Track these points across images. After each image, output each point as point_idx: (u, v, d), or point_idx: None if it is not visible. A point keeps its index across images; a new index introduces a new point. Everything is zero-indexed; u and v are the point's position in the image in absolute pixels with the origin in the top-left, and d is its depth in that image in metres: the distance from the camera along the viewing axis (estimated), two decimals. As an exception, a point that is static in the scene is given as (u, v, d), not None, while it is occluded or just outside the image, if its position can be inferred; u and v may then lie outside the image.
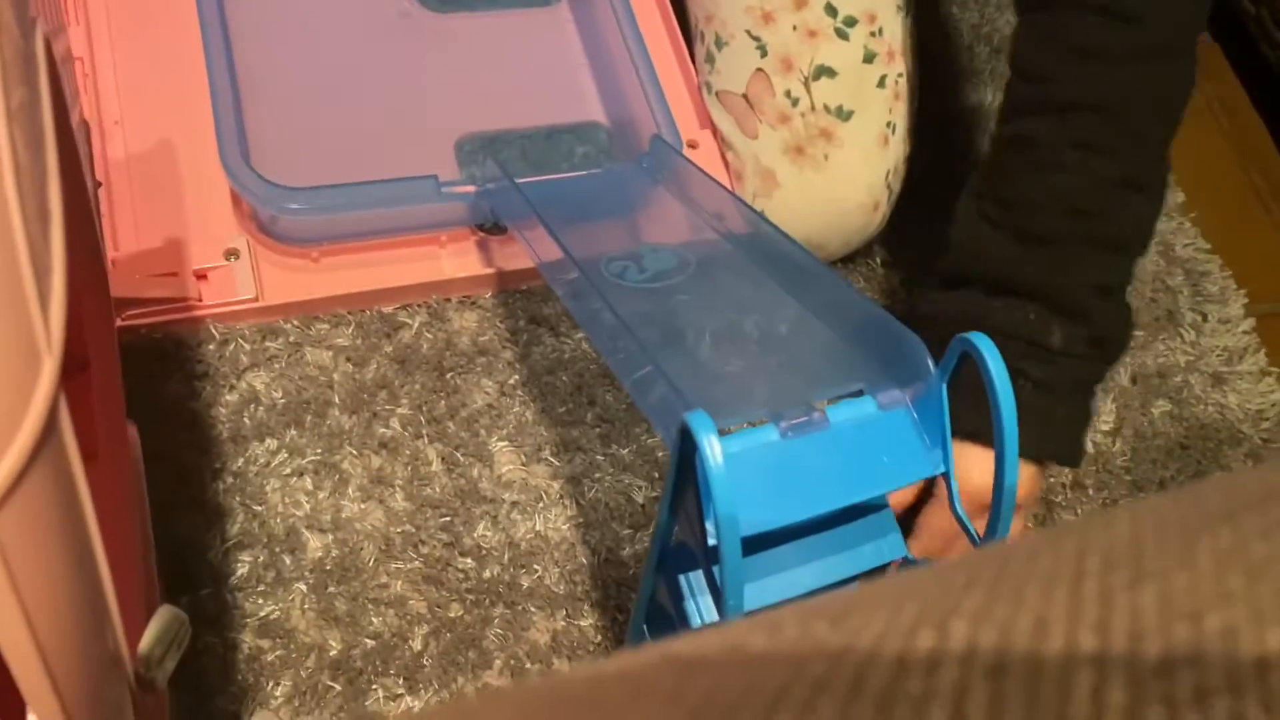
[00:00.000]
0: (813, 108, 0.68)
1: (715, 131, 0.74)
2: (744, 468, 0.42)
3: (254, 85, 0.69)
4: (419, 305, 0.67)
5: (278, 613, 0.56)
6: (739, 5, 0.70)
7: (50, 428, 0.25)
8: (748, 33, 0.70)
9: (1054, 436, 0.58)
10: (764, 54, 0.69)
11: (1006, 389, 0.41)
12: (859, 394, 0.45)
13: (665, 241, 0.63)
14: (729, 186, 0.72)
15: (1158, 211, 0.59)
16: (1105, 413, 0.76)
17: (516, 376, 0.66)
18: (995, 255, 0.58)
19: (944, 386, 0.44)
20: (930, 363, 0.44)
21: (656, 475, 0.65)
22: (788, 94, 0.68)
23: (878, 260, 0.78)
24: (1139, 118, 0.56)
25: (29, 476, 0.25)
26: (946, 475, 0.44)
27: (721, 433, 0.38)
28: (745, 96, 0.70)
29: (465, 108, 0.73)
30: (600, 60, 0.77)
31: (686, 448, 0.39)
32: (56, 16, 0.54)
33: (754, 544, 0.43)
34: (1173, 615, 0.13)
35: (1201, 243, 0.86)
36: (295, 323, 0.64)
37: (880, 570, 0.47)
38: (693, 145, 0.73)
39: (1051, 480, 0.72)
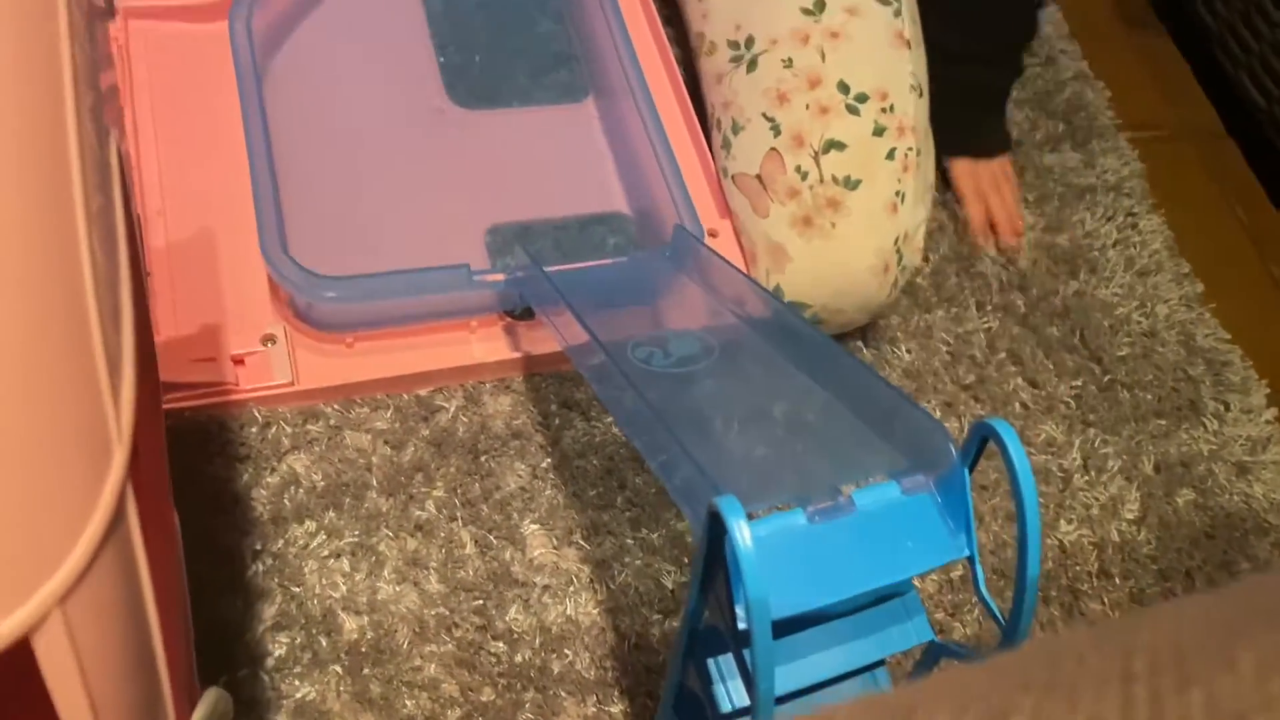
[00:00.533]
0: (821, 180, 0.70)
1: (732, 218, 0.76)
2: (773, 552, 0.43)
3: (291, 176, 0.71)
4: (455, 389, 0.69)
5: (314, 695, 0.57)
6: (756, 89, 0.73)
7: (119, 516, 0.27)
8: (763, 115, 0.72)
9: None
10: (777, 133, 0.71)
11: (1029, 479, 0.42)
12: (883, 479, 0.46)
13: (689, 327, 0.65)
14: (746, 272, 0.73)
15: None
16: (1130, 501, 0.77)
17: (549, 460, 0.68)
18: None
19: (966, 472, 0.45)
20: (951, 447, 0.45)
21: (685, 560, 0.66)
22: (798, 169, 0.70)
23: (900, 340, 0.79)
24: None
25: (98, 563, 0.27)
26: (971, 559, 0.45)
27: (749, 517, 0.39)
28: (759, 177, 0.72)
29: (496, 199, 0.76)
30: (626, 153, 0.80)
31: (715, 532, 0.40)
32: (116, 116, 0.57)
33: (783, 628, 0.43)
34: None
35: (1222, 333, 0.87)
36: (336, 406, 0.66)
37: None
38: (713, 234, 0.75)
39: (1077, 569, 0.73)
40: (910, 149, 0.72)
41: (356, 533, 0.62)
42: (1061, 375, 0.81)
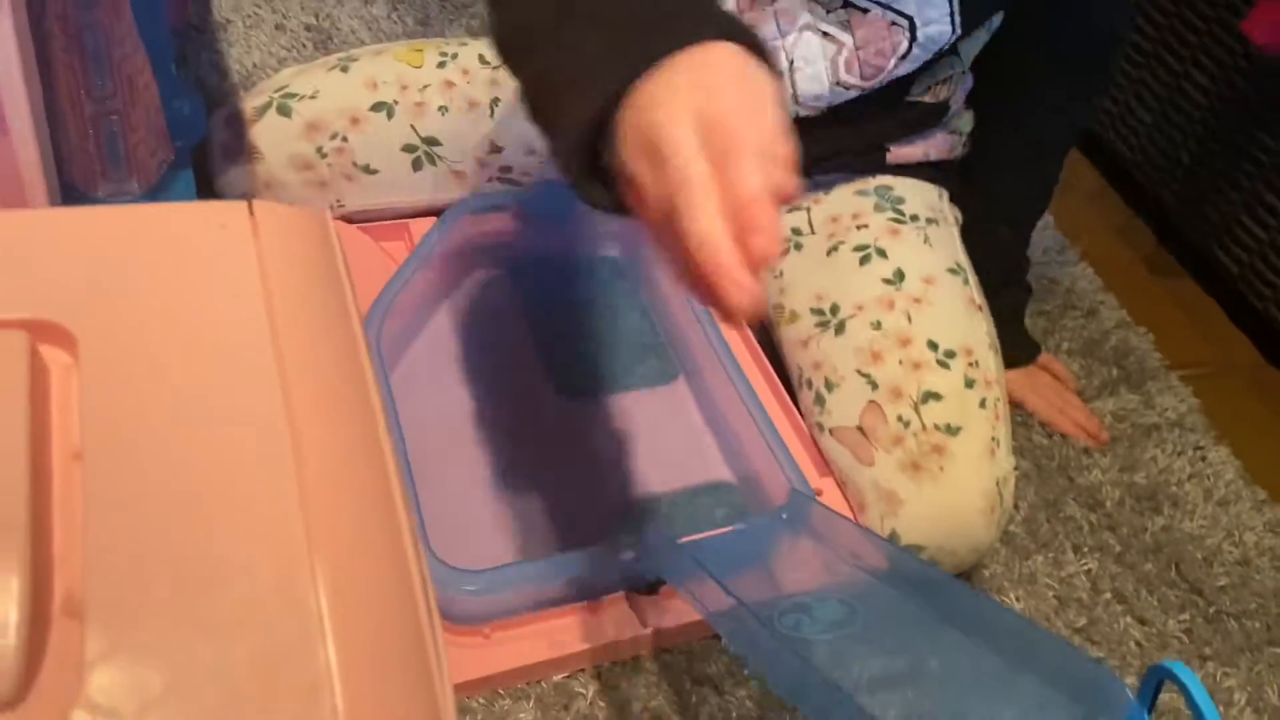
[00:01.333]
0: (924, 428, 0.74)
1: (833, 472, 0.80)
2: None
3: (419, 472, 0.75)
4: (590, 676, 0.70)
5: None
6: (848, 349, 0.79)
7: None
8: (858, 371, 0.78)
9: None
10: (874, 388, 0.77)
11: (1215, 718, 0.43)
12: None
13: (817, 587, 0.67)
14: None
15: None
16: None
17: (689, 738, 0.68)
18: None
19: (1147, 717, 0.46)
20: (1128, 693, 0.47)
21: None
22: (899, 418, 0.75)
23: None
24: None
25: None
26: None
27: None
28: (860, 428, 0.77)
29: (608, 482, 0.80)
30: (722, 424, 0.85)
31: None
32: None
33: None
34: None
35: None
36: (481, 700, 0.67)
37: None
38: (818, 492, 0.79)
39: None
40: (998, 399, 0.77)
41: (515, 828, 0.62)
42: (1168, 610, 0.82)
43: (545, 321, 0.90)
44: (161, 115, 0.80)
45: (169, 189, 0.76)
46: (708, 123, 0.41)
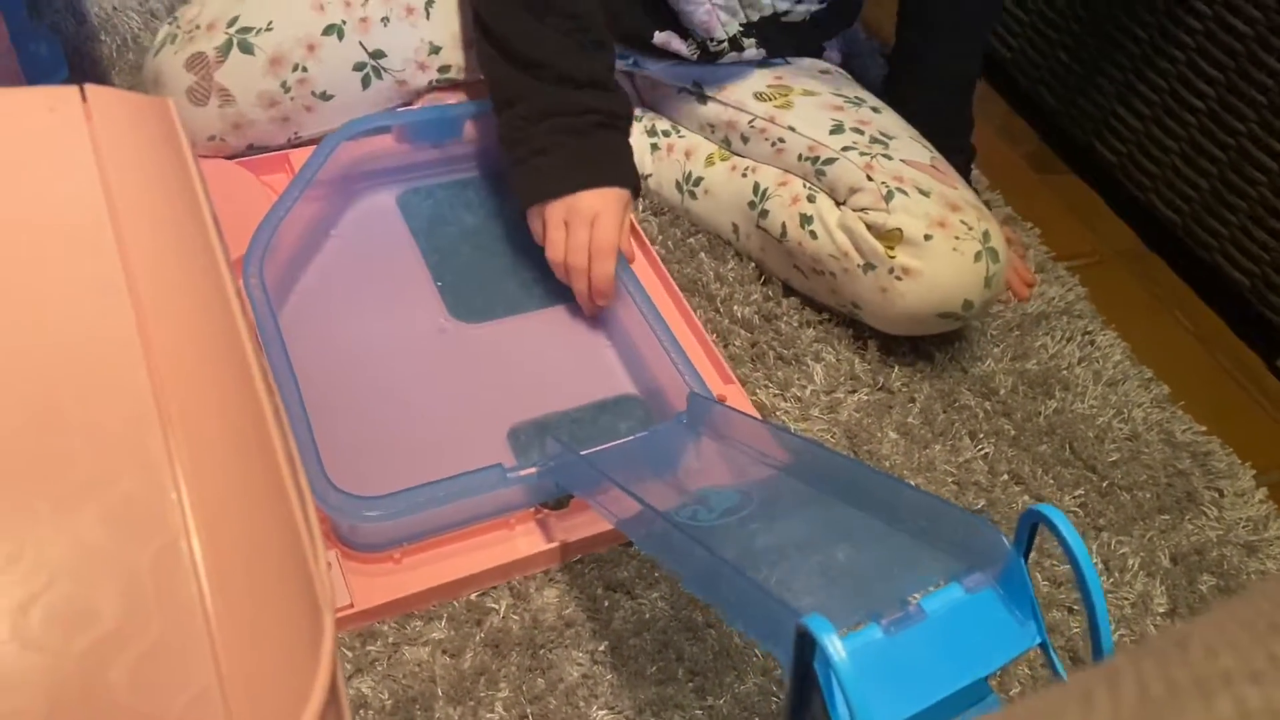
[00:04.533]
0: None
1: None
2: (861, 665, 0.44)
3: (316, 408, 0.74)
4: (502, 590, 0.70)
5: None
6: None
7: (334, 680, 0.29)
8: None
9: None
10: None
11: (1084, 552, 0.45)
12: (945, 583, 0.48)
13: (719, 484, 0.68)
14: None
15: None
16: (1157, 595, 0.79)
17: (605, 644, 0.69)
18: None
19: (1023, 561, 0.47)
20: (1004, 540, 0.48)
21: None
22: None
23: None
24: None
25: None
26: (1044, 645, 0.47)
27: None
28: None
29: (510, 402, 0.80)
30: (623, 340, 0.85)
31: (805, 655, 0.42)
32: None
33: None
34: None
35: (1197, 426, 0.93)
36: (392, 624, 0.67)
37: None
38: (721, 399, 0.79)
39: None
40: None
41: (433, 742, 0.62)
42: (1063, 487, 0.85)
43: (433, 246, 0.89)
44: (14, 58, 0.77)
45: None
46: (594, 229, 0.81)
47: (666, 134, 0.99)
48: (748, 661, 0.69)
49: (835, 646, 0.41)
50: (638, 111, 1.01)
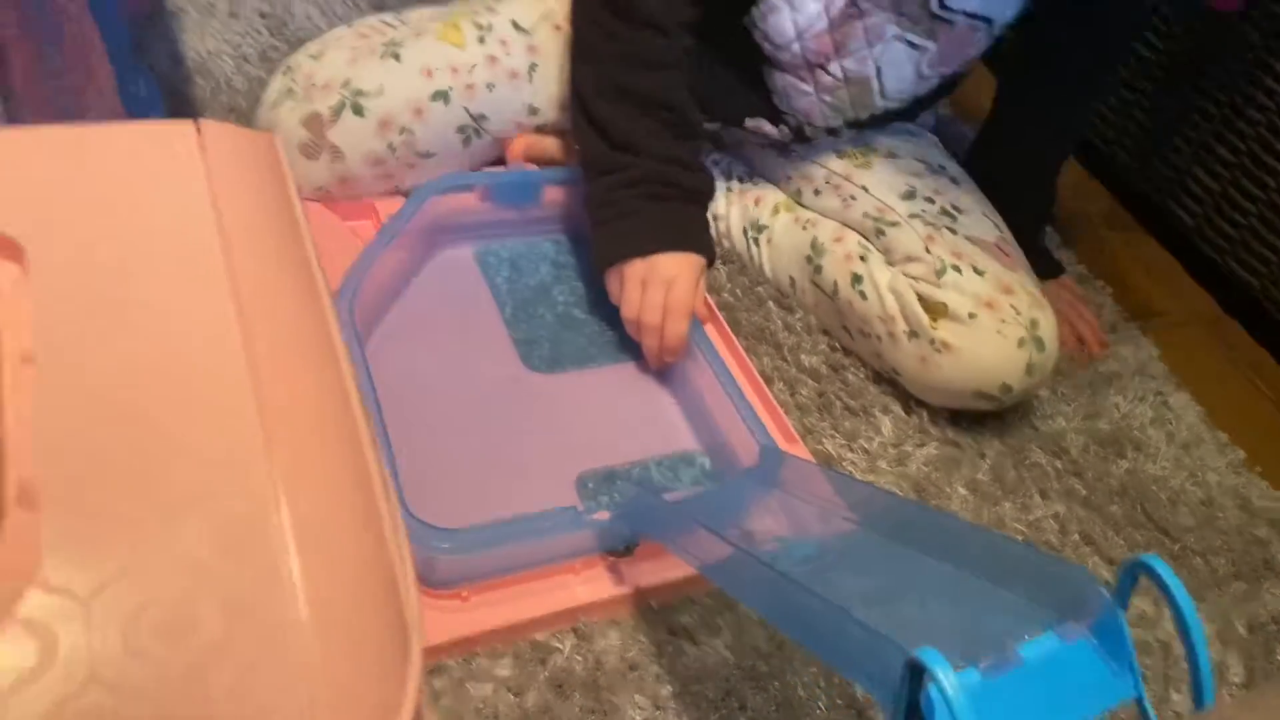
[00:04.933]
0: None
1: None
2: (968, 702, 0.44)
3: (392, 439, 0.75)
4: (567, 630, 0.70)
5: None
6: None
7: (418, 709, 0.29)
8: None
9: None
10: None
11: (1188, 603, 0.44)
12: (1040, 632, 0.48)
13: (793, 534, 0.68)
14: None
15: None
16: (1233, 665, 0.77)
17: (668, 689, 0.68)
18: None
19: (1120, 613, 0.47)
20: (1103, 590, 0.48)
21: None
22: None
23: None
24: None
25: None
26: (1139, 699, 0.46)
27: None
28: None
29: (578, 451, 0.80)
30: (689, 396, 0.86)
31: (913, 691, 0.41)
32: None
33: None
34: None
35: (1274, 492, 0.90)
36: (457, 660, 0.67)
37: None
38: (789, 455, 0.79)
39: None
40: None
41: (496, 781, 0.62)
42: (1135, 550, 0.83)
43: (508, 300, 0.91)
44: (116, 95, 0.80)
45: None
46: (671, 290, 0.83)
47: (741, 179, 1.01)
48: (810, 713, 0.69)
49: (949, 680, 0.41)
50: (715, 155, 1.02)
